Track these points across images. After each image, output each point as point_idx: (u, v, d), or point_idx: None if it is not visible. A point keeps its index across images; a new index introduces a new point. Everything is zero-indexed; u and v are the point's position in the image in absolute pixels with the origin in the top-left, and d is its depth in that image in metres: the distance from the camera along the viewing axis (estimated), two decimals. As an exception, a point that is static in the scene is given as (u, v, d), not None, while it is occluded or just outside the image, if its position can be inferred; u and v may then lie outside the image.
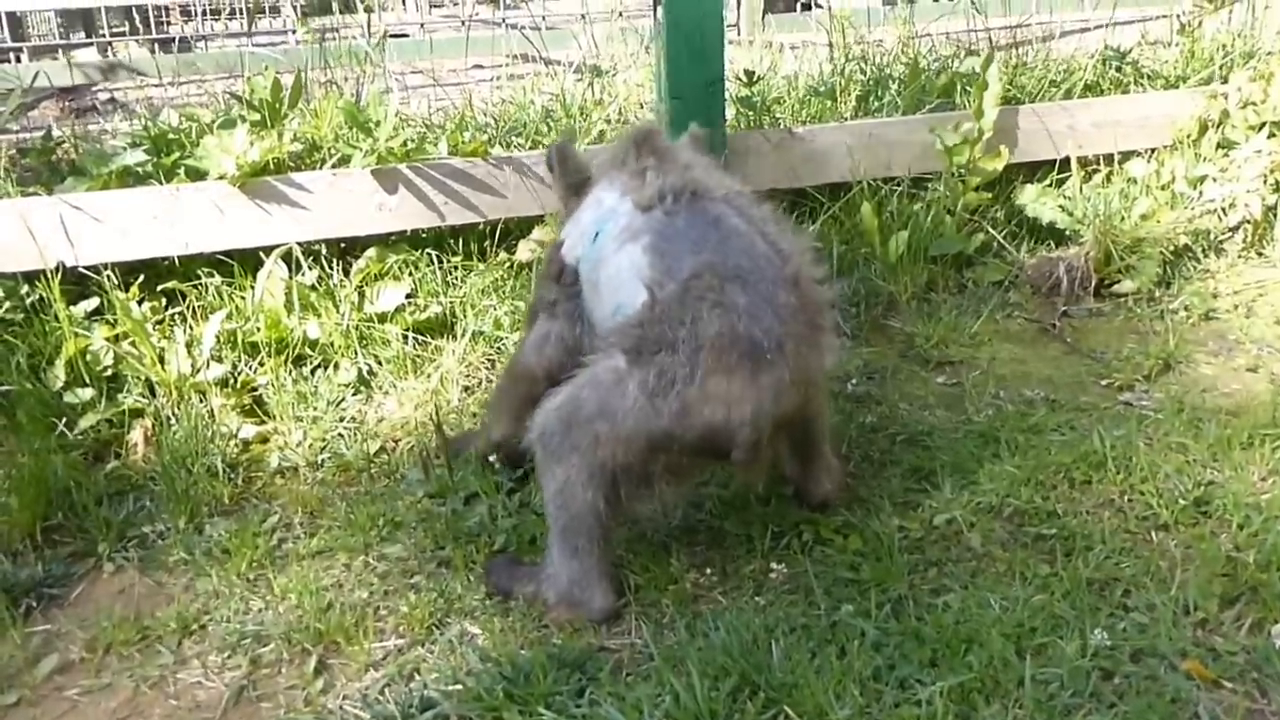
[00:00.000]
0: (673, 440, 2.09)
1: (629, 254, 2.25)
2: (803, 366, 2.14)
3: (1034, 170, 4.06)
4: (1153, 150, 4.13)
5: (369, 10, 4.61)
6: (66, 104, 5.72)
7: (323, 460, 2.91)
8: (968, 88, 4.05)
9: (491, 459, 2.69)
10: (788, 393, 2.11)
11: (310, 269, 3.29)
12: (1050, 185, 3.99)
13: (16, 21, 7.46)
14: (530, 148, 3.68)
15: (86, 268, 3.13)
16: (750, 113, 3.91)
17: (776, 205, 3.65)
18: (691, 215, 2.26)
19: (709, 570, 2.36)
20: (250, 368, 3.14)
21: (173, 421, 2.92)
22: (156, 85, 5.17)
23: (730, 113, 3.74)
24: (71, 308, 3.05)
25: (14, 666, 2.21)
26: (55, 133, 3.69)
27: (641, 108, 3.96)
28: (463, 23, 6.49)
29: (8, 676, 2.18)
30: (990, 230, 3.84)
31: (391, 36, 4.78)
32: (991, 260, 3.82)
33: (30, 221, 3.05)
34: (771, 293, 2.12)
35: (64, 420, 2.90)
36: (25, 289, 3.09)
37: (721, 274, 2.12)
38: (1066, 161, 3.96)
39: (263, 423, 3.04)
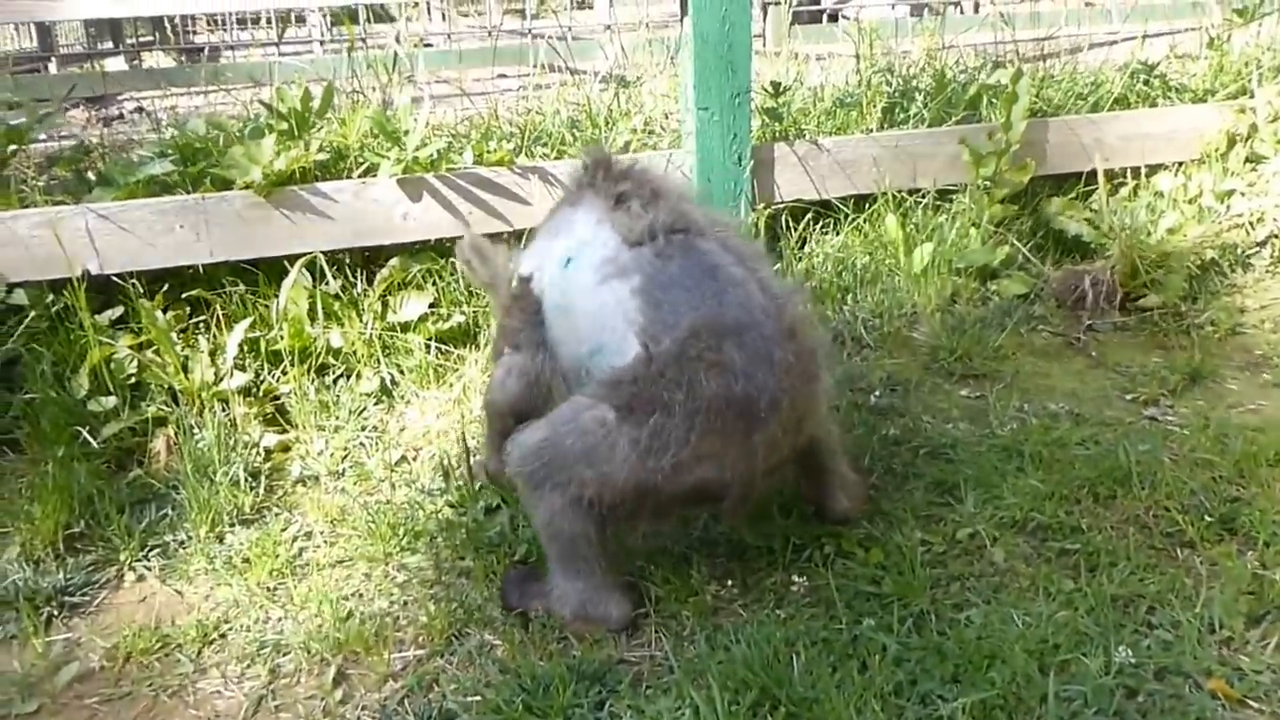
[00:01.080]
0: (661, 493, 2.08)
1: (614, 292, 2.19)
2: (795, 418, 2.14)
3: (1060, 183, 4.04)
4: (1180, 164, 4.11)
5: (410, 19, 4.62)
6: (93, 113, 5.77)
7: (344, 469, 2.92)
8: (994, 100, 4.04)
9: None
10: (778, 445, 2.13)
11: (334, 278, 3.31)
12: (1076, 198, 3.98)
13: (44, 31, 7.54)
14: (555, 157, 3.68)
15: (113, 276, 3.14)
16: (776, 124, 3.91)
17: (802, 216, 3.69)
18: (686, 261, 2.19)
19: (730, 582, 2.35)
20: (273, 376, 3.15)
21: (195, 430, 2.93)
22: (183, 94, 5.21)
23: (756, 124, 3.74)
24: (96, 316, 3.06)
25: (35, 675, 2.22)
26: (83, 141, 3.72)
27: (667, 118, 3.96)
28: (489, 32, 6.51)
29: (29, 685, 2.19)
30: (1015, 243, 3.82)
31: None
32: (1016, 273, 3.79)
33: (58, 230, 3.08)
34: (768, 349, 2.07)
35: (87, 428, 2.90)
36: (50, 297, 3.11)
37: (719, 331, 2.07)
38: (1093, 174, 3.94)
39: (285, 431, 3.05)
